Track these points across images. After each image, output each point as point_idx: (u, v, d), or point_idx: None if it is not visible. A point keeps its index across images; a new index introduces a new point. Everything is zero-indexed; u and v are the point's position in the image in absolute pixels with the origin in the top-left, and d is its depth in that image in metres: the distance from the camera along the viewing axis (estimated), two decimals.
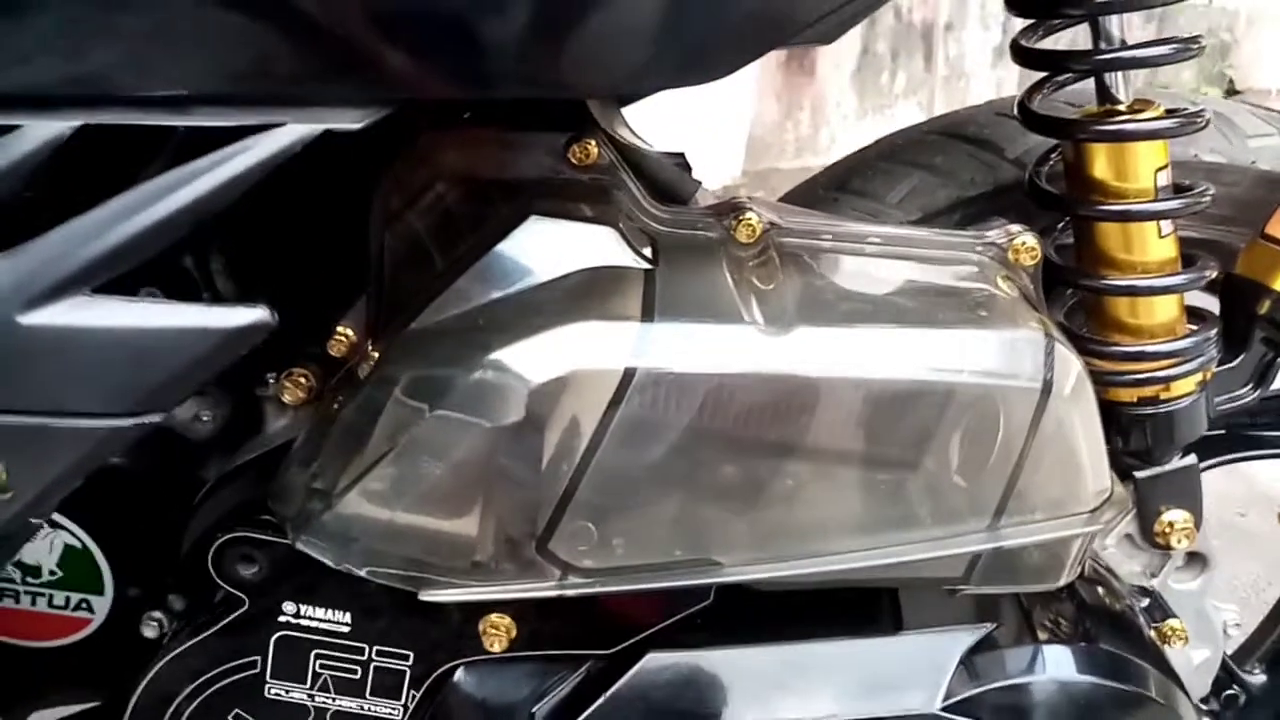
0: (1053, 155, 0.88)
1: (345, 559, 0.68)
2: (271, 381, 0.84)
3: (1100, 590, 0.88)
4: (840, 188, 0.98)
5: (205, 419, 0.90)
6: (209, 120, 0.57)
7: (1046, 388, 0.68)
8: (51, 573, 0.91)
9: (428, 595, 0.68)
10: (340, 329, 0.81)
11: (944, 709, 0.76)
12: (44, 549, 0.91)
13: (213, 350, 0.58)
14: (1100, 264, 0.85)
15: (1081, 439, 0.70)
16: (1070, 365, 0.70)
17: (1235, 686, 1.15)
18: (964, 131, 0.96)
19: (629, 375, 0.65)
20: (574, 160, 0.76)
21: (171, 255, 0.62)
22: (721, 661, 0.75)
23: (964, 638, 0.78)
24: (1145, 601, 0.94)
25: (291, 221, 0.86)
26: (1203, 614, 0.99)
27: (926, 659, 0.78)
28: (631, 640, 0.75)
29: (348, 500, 0.68)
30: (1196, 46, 0.80)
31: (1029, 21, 0.85)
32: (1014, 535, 0.70)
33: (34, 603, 0.92)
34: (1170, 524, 0.92)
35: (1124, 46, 0.80)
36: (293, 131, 0.57)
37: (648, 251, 0.73)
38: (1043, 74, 0.85)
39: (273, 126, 0.57)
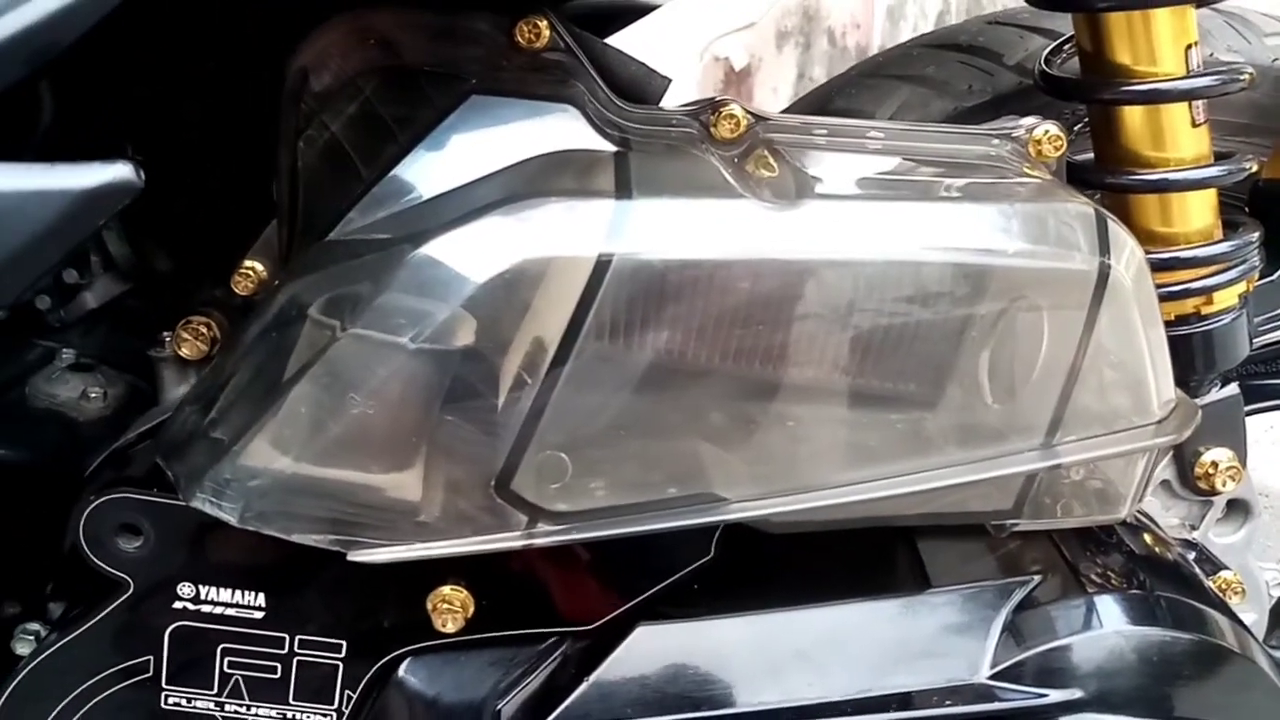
0: (1066, 47, 0.77)
1: (251, 517, 0.54)
2: (167, 339, 0.70)
3: (1147, 538, 0.77)
4: (821, 110, 0.87)
5: (94, 395, 0.76)
6: None
7: (1104, 271, 0.57)
8: None
9: (359, 555, 0.54)
10: (246, 263, 0.68)
11: (991, 676, 0.63)
12: None
13: (59, 221, 0.44)
14: (1125, 160, 0.74)
15: (1145, 335, 0.59)
16: (1127, 245, 0.58)
17: None
18: (955, 41, 0.87)
19: (604, 263, 0.52)
20: (522, 40, 0.64)
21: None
22: (726, 631, 0.62)
23: (1007, 593, 0.66)
24: (1191, 554, 0.83)
25: (179, 146, 0.73)
26: (1248, 570, 0.88)
27: (965, 619, 0.65)
28: (615, 612, 0.61)
29: (252, 447, 0.54)
30: None
31: None
32: (1072, 453, 0.58)
33: None
34: (1213, 464, 0.82)
35: None
36: None
37: (615, 136, 0.60)
38: None
39: None
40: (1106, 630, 0.66)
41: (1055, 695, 0.63)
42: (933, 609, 0.66)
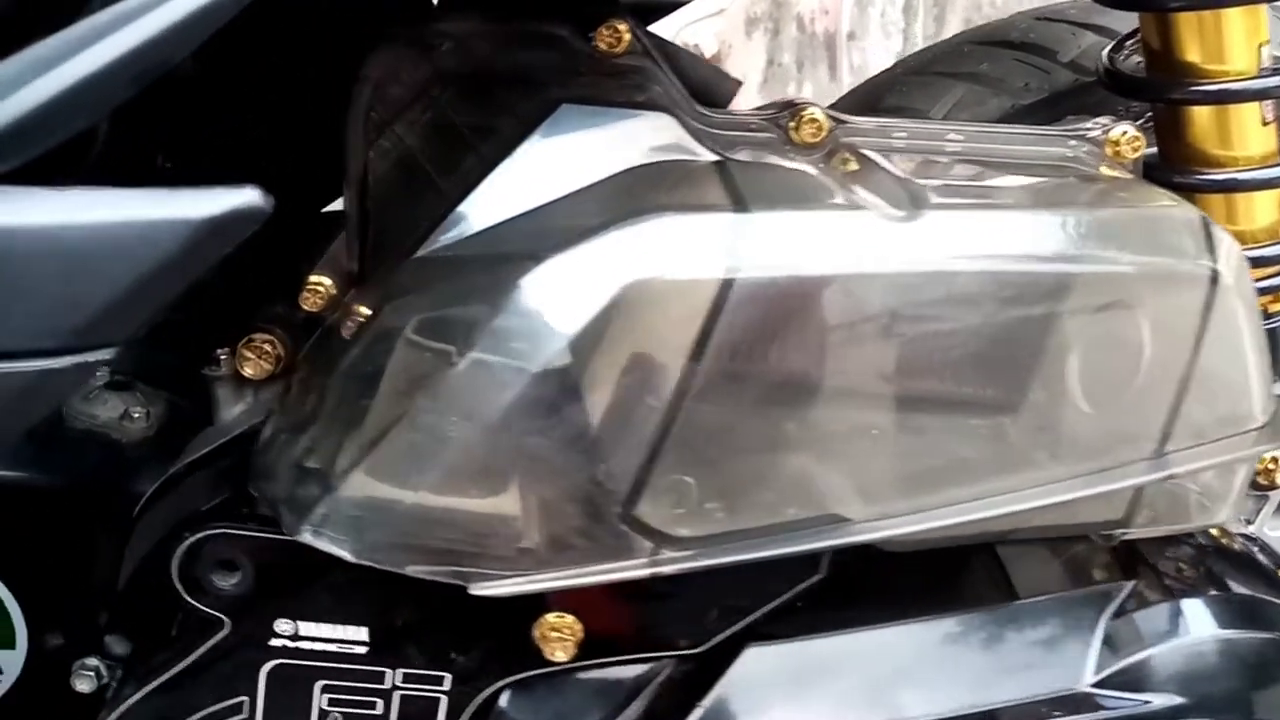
0: (1128, 42, 0.77)
1: (368, 552, 0.51)
2: (224, 357, 0.67)
3: (1216, 533, 0.77)
4: (872, 107, 0.86)
5: (137, 416, 0.73)
6: None
7: (1214, 276, 0.56)
8: None
9: (482, 589, 0.52)
10: (314, 279, 0.65)
11: (1095, 685, 0.63)
12: None
13: (185, 250, 0.41)
14: (1192, 159, 0.74)
15: (1251, 338, 0.58)
16: (1232, 248, 0.58)
17: None
18: (1006, 38, 0.86)
19: (729, 280, 0.50)
20: (603, 45, 0.62)
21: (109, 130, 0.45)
22: (832, 650, 0.61)
23: (1103, 600, 0.66)
24: (1255, 548, 0.83)
25: (240, 153, 0.70)
26: None
27: (1065, 628, 0.65)
28: (725, 633, 0.60)
29: (361, 477, 0.52)
30: None
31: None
32: (1184, 461, 0.58)
33: None
34: (1274, 460, 0.81)
35: None
36: None
37: (709, 143, 0.59)
38: None
39: None
40: (1201, 635, 0.67)
41: (1159, 701, 0.63)
42: (1030, 619, 0.66)
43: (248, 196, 0.41)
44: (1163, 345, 0.57)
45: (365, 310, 0.58)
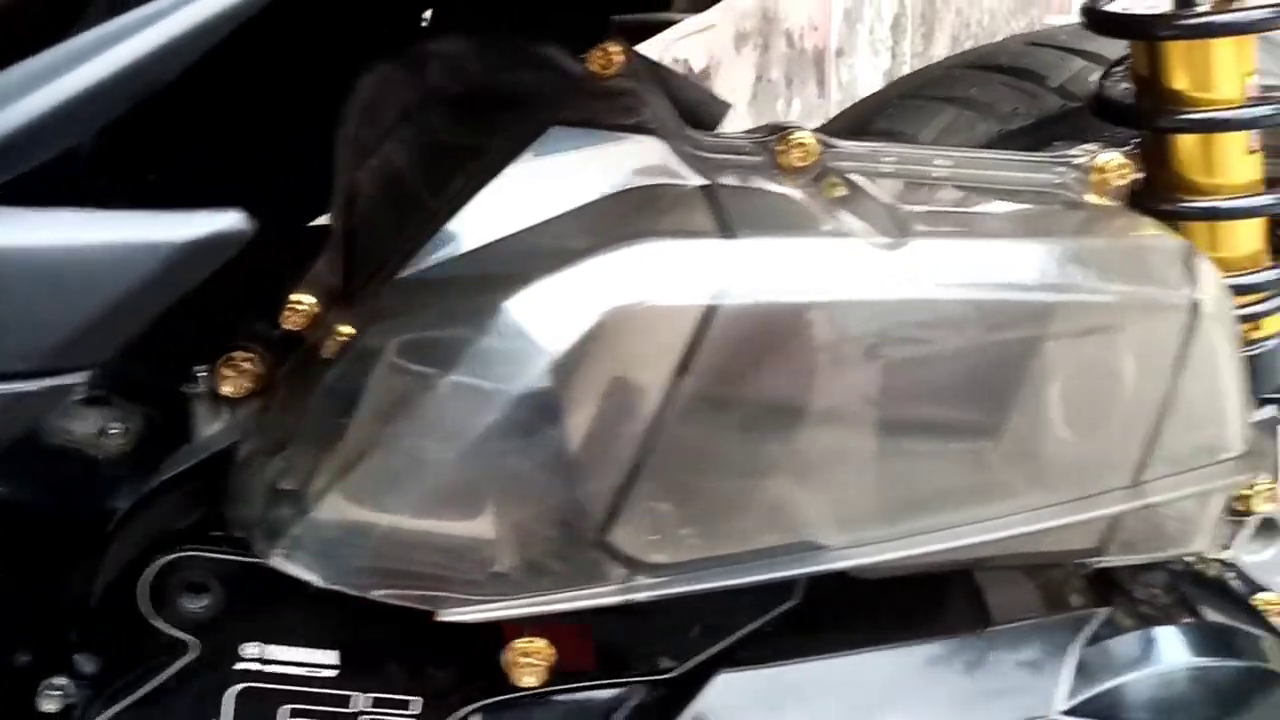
0: (1117, 69, 0.77)
1: (337, 576, 0.51)
2: (202, 374, 0.66)
3: (1191, 559, 0.77)
4: (862, 130, 0.86)
5: (114, 432, 0.72)
6: None
7: (1195, 306, 0.56)
8: None
9: (450, 615, 0.51)
10: (295, 297, 0.64)
11: (1066, 712, 0.63)
12: None
13: (165, 273, 0.41)
14: (1177, 187, 0.74)
15: (1229, 369, 0.58)
16: (1213, 278, 0.58)
17: None
18: (996, 62, 0.86)
19: (712, 308, 0.50)
20: (596, 67, 0.62)
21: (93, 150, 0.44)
22: (805, 676, 0.61)
23: (1077, 627, 0.66)
24: (1231, 575, 0.83)
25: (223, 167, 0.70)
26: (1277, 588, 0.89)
27: (1037, 654, 0.65)
28: (696, 659, 0.59)
29: (335, 500, 0.51)
30: None
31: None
32: (1160, 491, 0.58)
33: None
34: (1250, 485, 0.82)
35: None
36: None
37: (698, 167, 0.58)
38: None
39: None
40: (1174, 664, 0.67)
41: None
42: (1003, 645, 0.66)
43: (230, 220, 0.41)
44: (1142, 374, 0.57)
45: (347, 330, 0.58)
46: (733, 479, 0.53)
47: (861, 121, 0.87)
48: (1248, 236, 0.76)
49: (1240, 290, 0.75)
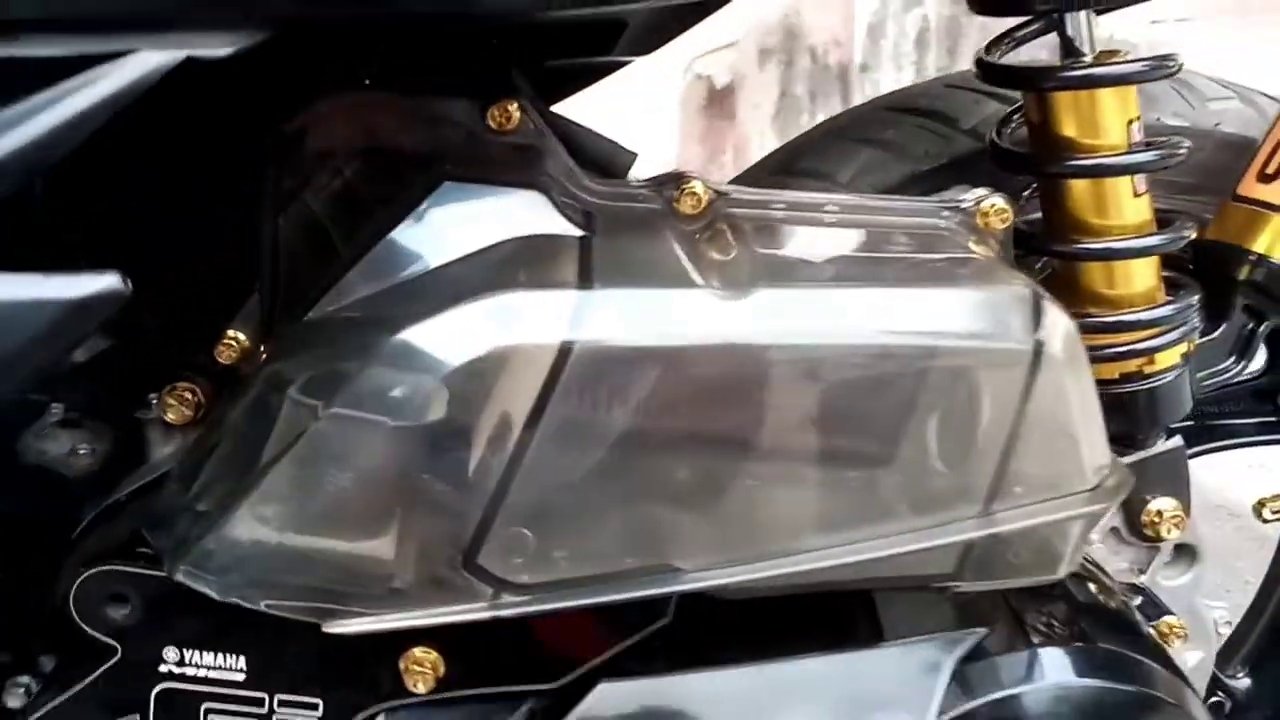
0: (1015, 117, 0.81)
1: (233, 590, 0.57)
2: (154, 401, 0.73)
3: (1093, 587, 0.80)
4: (786, 170, 0.90)
5: (83, 452, 0.79)
6: (46, 49, 0.46)
7: (1038, 349, 0.60)
8: None
9: (334, 627, 0.57)
10: (230, 333, 0.71)
11: None
12: None
13: (50, 327, 0.47)
14: (1071, 229, 0.78)
15: (1079, 407, 0.62)
16: (1062, 324, 0.62)
17: (1219, 693, 1.08)
18: (915, 105, 0.90)
19: (565, 351, 0.55)
20: (493, 125, 0.67)
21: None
22: (683, 688, 0.65)
23: (954, 645, 0.70)
24: (1138, 600, 0.86)
25: (166, 214, 0.76)
26: (1195, 611, 0.92)
27: (914, 671, 0.69)
28: (579, 671, 0.65)
29: (234, 521, 0.58)
30: None
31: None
32: (1010, 521, 0.62)
33: None
34: (1159, 513, 0.85)
35: None
36: (146, 60, 0.47)
37: (580, 219, 0.64)
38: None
39: (122, 54, 0.47)
40: (1049, 682, 0.70)
41: None
42: (884, 662, 0.70)
43: (108, 282, 0.47)
44: (987, 414, 0.61)
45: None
46: (588, 507, 0.58)
47: (791, 160, 0.91)
48: (1142, 275, 0.79)
49: (1136, 326, 0.79)
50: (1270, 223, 0.81)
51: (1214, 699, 1.09)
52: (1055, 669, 0.71)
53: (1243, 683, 1.10)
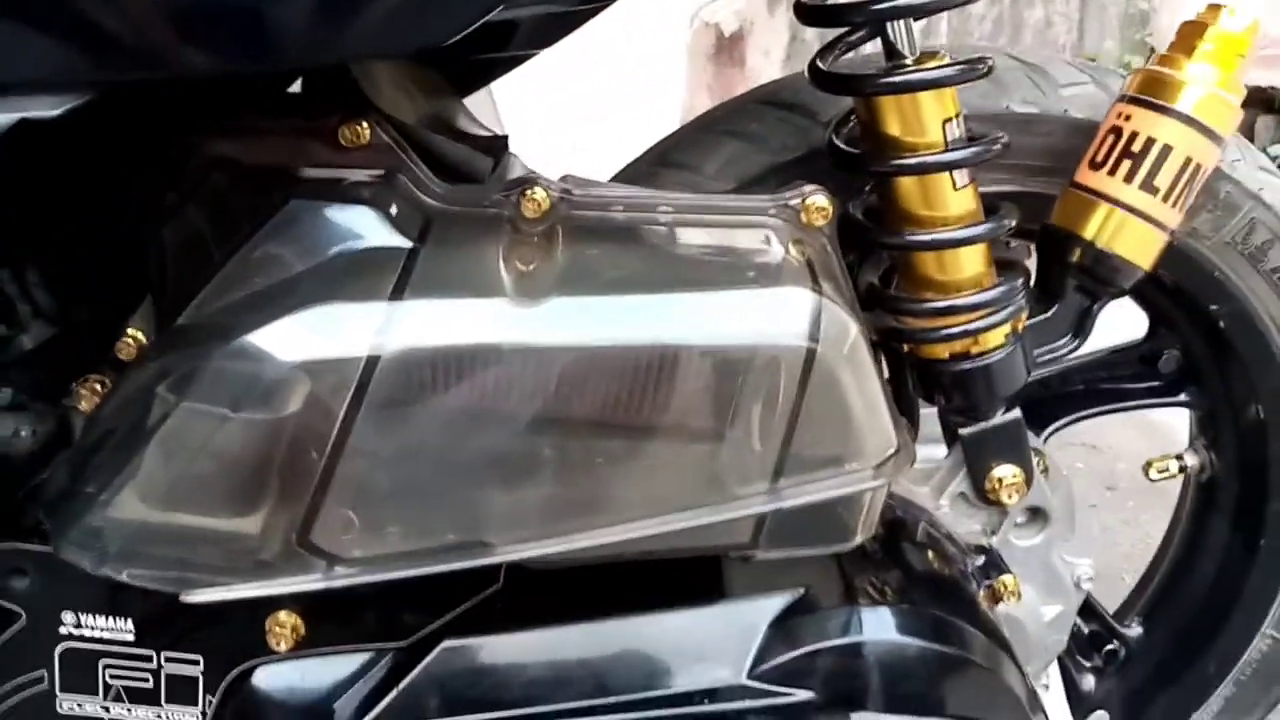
0: (851, 118, 0.87)
1: (104, 564, 0.66)
2: (76, 390, 0.82)
3: (929, 553, 0.88)
4: (661, 162, 0.96)
5: (24, 434, 0.88)
6: None
7: (812, 346, 0.67)
8: None
9: (190, 597, 0.66)
10: (130, 331, 0.79)
11: (751, 677, 0.75)
12: None
13: None
14: (902, 221, 0.84)
15: (855, 396, 0.69)
16: (840, 323, 0.69)
17: (1115, 641, 1.15)
18: (778, 98, 0.95)
19: (373, 357, 0.64)
20: (345, 142, 0.75)
21: None
22: (519, 644, 0.74)
23: (772, 604, 0.77)
24: (981, 560, 0.93)
25: (63, 223, 0.85)
26: (1050, 568, 0.98)
27: (735, 628, 0.77)
28: (427, 629, 0.74)
29: (107, 502, 0.67)
30: None
31: None
32: (795, 495, 0.69)
33: None
34: (999, 480, 0.92)
35: None
36: None
37: (415, 231, 0.71)
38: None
39: None
40: (864, 639, 0.78)
41: (800, 696, 0.75)
42: (711, 618, 0.78)
43: None
44: (770, 404, 0.68)
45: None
46: (403, 491, 0.66)
47: (663, 153, 0.97)
48: (970, 261, 0.85)
49: (963, 310, 0.85)
50: (1097, 209, 0.86)
51: (1110, 647, 1.16)
52: (871, 627, 0.79)
53: (1135, 632, 1.16)
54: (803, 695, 0.74)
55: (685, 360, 0.67)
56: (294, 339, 0.63)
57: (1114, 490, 2.05)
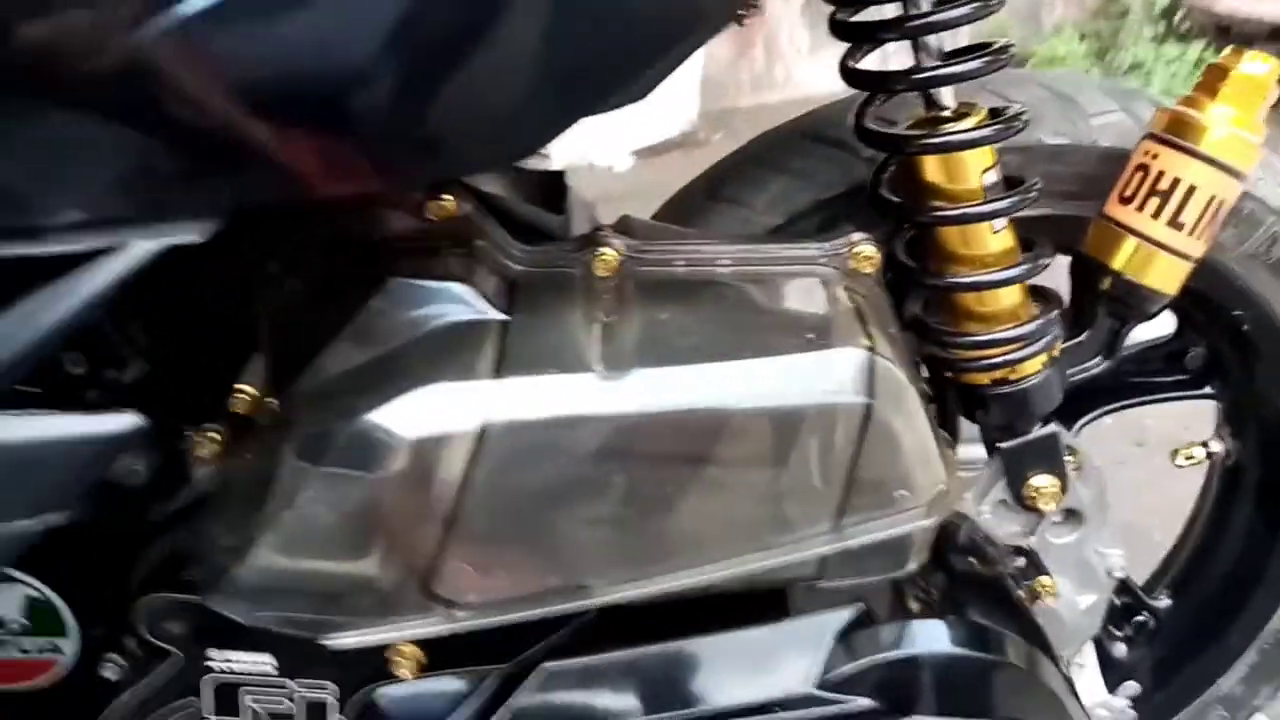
0: (889, 165, 0.93)
1: (255, 616, 0.76)
2: (189, 434, 0.91)
3: (972, 560, 0.96)
4: (714, 195, 1.03)
5: (138, 469, 0.97)
6: (56, 247, 0.62)
7: (868, 402, 0.75)
8: (18, 624, 0.99)
9: (331, 641, 0.76)
10: (239, 386, 0.88)
11: (819, 687, 0.84)
12: (9, 603, 0.99)
13: (92, 458, 0.65)
14: (943, 262, 0.90)
15: (907, 443, 0.77)
16: (891, 378, 0.76)
17: (1145, 613, 1.24)
18: (823, 133, 1.01)
19: (483, 431, 0.72)
20: (432, 217, 0.82)
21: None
22: (611, 665, 0.83)
23: (836, 619, 0.86)
24: (1022, 561, 1.01)
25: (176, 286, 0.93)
26: (1084, 563, 1.06)
27: (804, 643, 0.85)
28: (529, 652, 0.83)
29: (253, 557, 0.76)
30: (1006, 55, 0.84)
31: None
32: (856, 534, 0.78)
33: (5, 650, 1.00)
34: (1037, 488, 0.99)
35: (940, 64, 0.85)
36: (138, 250, 0.63)
37: (503, 301, 0.78)
38: None
39: (118, 248, 0.63)
40: (914, 650, 0.86)
41: (863, 703, 0.84)
42: (781, 634, 0.87)
43: (129, 420, 0.64)
44: (834, 454, 0.76)
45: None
46: (513, 545, 0.75)
47: (716, 186, 1.03)
48: (1007, 296, 0.92)
49: (1001, 343, 0.92)
50: (1126, 242, 0.92)
51: (1139, 618, 1.24)
52: (920, 639, 0.87)
53: (1164, 603, 1.25)
54: (865, 703, 0.83)
55: (756, 421, 0.74)
56: (414, 416, 0.72)
57: (1143, 446, 2.10)
